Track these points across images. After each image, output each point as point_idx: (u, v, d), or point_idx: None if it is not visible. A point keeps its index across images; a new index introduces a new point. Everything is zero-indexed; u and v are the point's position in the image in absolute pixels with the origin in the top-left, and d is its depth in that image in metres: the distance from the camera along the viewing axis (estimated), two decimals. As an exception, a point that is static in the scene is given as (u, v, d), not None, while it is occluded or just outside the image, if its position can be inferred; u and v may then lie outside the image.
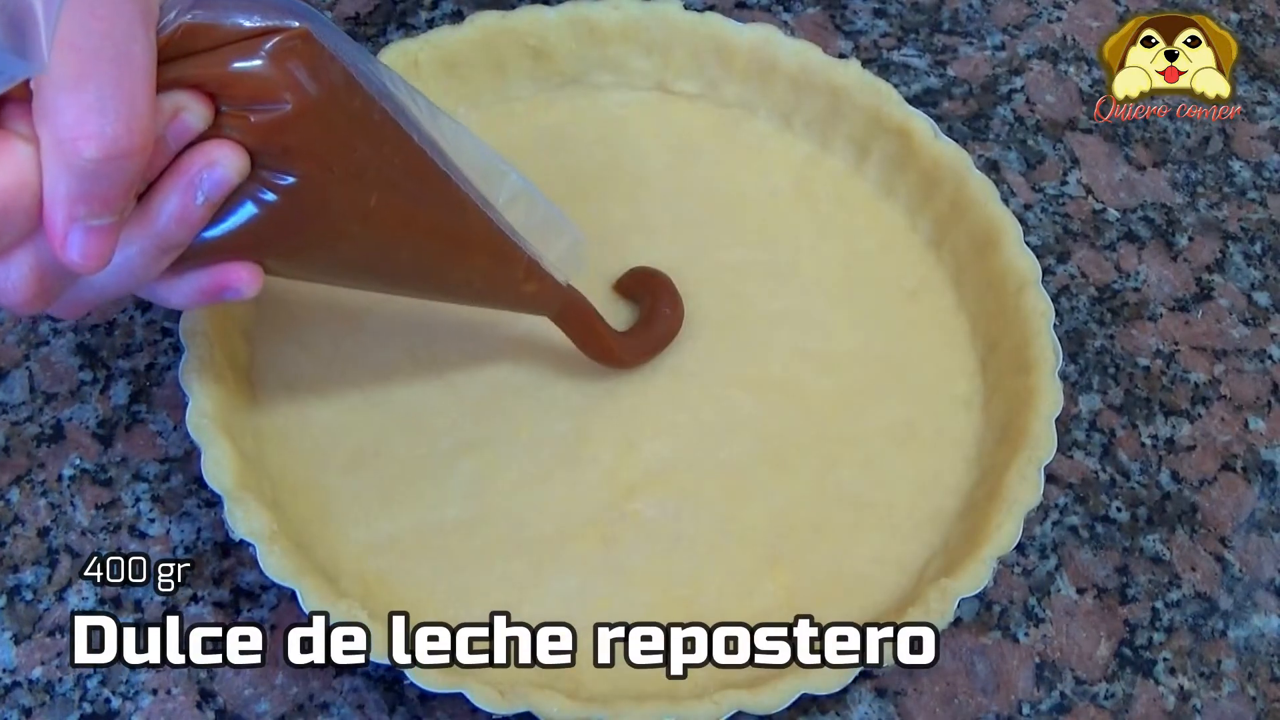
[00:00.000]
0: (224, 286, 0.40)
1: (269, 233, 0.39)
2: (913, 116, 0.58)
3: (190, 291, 0.40)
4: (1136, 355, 0.59)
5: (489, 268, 0.47)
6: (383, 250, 0.43)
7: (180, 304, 0.41)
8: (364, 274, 0.45)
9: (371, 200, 0.41)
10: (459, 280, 0.47)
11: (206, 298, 0.40)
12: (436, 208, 0.44)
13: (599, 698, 0.45)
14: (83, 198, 0.34)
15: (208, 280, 0.40)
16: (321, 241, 0.41)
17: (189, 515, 0.50)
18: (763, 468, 0.52)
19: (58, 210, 0.34)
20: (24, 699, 0.46)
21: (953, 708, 0.48)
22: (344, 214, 0.40)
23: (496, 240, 0.47)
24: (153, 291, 0.40)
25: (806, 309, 0.57)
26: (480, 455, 0.51)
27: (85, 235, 0.35)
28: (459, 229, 0.45)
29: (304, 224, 0.40)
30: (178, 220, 0.37)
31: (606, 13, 0.60)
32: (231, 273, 0.40)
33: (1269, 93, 0.69)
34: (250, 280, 0.40)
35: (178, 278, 0.40)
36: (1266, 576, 0.53)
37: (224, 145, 0.37)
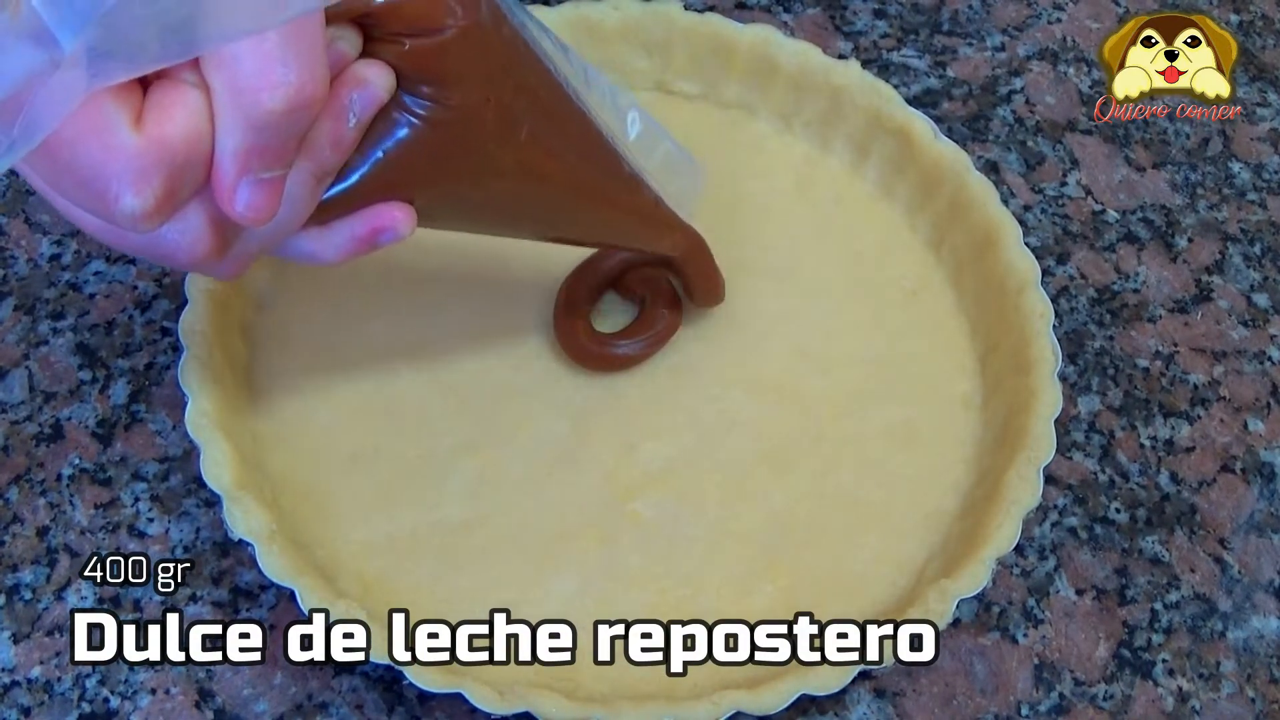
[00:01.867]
0: (379, 229, 0.39)
1: (425, 166, 0.38)
2: (912, 117, 0.58)
3: (344, 241, 0.39)
4: (1136, 356, 0.59)
5: (624, 206, 0.47)
6: (532, 187, 0.43)
7: (336, 257, 0.39)
8: (512, 214, 0.44)
9: (523, 132, 0.41)
10: (595, 219, 0.47)
11: (363, 244, 0.39)
12: (580, 144, 0.44)
13: (598, 698, 0.45)
14: (257, 150, 0.33)
15: (361, 226, 0.39)
16: (475, 176, 0.40)
17: (188, 515, 0.50)
18: (761, 468, 0.52)
19: (230, 163, 0.33)
20: (23, 698, 0.46)
21: (952, 708, 0.48)
22: (497, 145, 0.40)
23: (629, 179, 0.47)
24: (305, 250, 0.39)
25: (806, 309, 0.57)
26: (479, 455, 0.51)
27: (254, 188, 0.34)
28: (599, 166, 0.45)
29: (458, 156, 0.39)
30: (332, 144, 0.36)
31: (606, 13, 0.60)
32: (385, 213, 0.39)
33: (1269, 94, 0.69)
34: (405, 219, 0.39)
35: (329, 230, 0.39)
36: (1265, 578, 0.53)
37: (371, 65, 0.36)
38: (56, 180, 0.33)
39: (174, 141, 0.32)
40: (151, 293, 0.55)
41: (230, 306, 0.51)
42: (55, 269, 0.56)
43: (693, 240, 0.52)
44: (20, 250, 0.56)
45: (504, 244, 0.54)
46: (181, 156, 0.32)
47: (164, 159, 0.32)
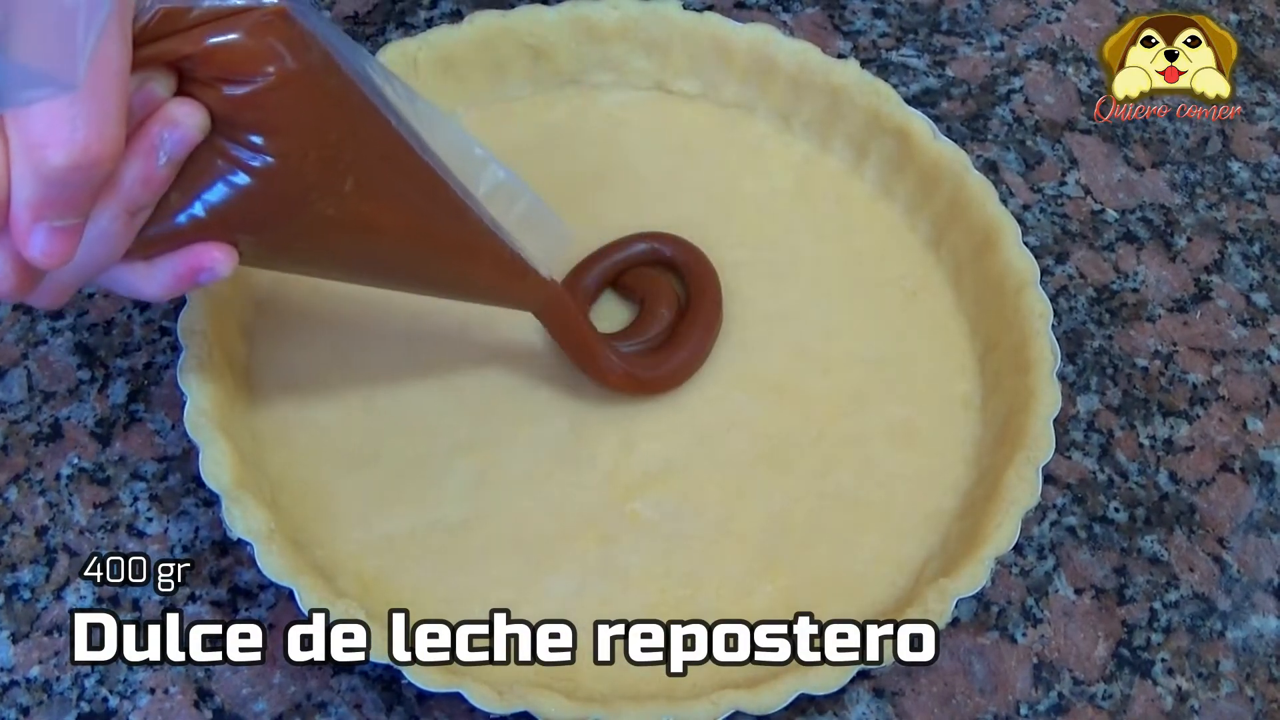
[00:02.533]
0: (198, 268, 0.39)
1: (244, 214, 0.39)
2: (911, 117, 0.58)
3: (165, 278, 0.40)
4: (1135, 356, 0.59)
5: (469, 259, 0.46)
6: (360, 238, 0.42)
7: (157, 293, 0.40)
8: (341, 263, 0.44)
9: (347, 184, 0.40)
10: (438, 271, 0.46)
11: (182, 282, 0.40)
12: (414, 195, 0.43)
13: (597, 697, 0.45)
14: (47, 203, 0.34)
15: (181, 264, 0.39)
16: (297, 226, 0.40)
17: (187, 514, 0.50)
18: (761, 468, 0.52)
19: (23, 212, 0.34)
20: (22, 698, 0.46)
21: (951, 708, 0.48)
22: (319, 196, 0.40)
23: (476, 230, 0.46)
24: (129, 284, 0.40)
25: (805, 309, 0.57)
26: (478, 455, 0.51)
27: (49, 235, 0.35)
28: (437, 218, 0.44)
29: (279, 206, 0.39)
30: (142, 182, 0.37)
31: (605, 12, 0.60)
32: (204, 253, 0.39)
33: (1268, 93, 0.69)
34: (223, 259, 0.39)
35: (152, 266, 0.40)
36: (1265, 577, 0.53)
37: (183, 104, 0.37)
38: None
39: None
40: (150, 292, 0.55)
41: (229, 306, 0.51)
42: (54, 268, 0.56)
43: (554, 296, 0.50)
44: (19, 250, 0.56)
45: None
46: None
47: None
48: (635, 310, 0.56)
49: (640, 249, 0.56)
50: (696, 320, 0.54)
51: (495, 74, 0.60)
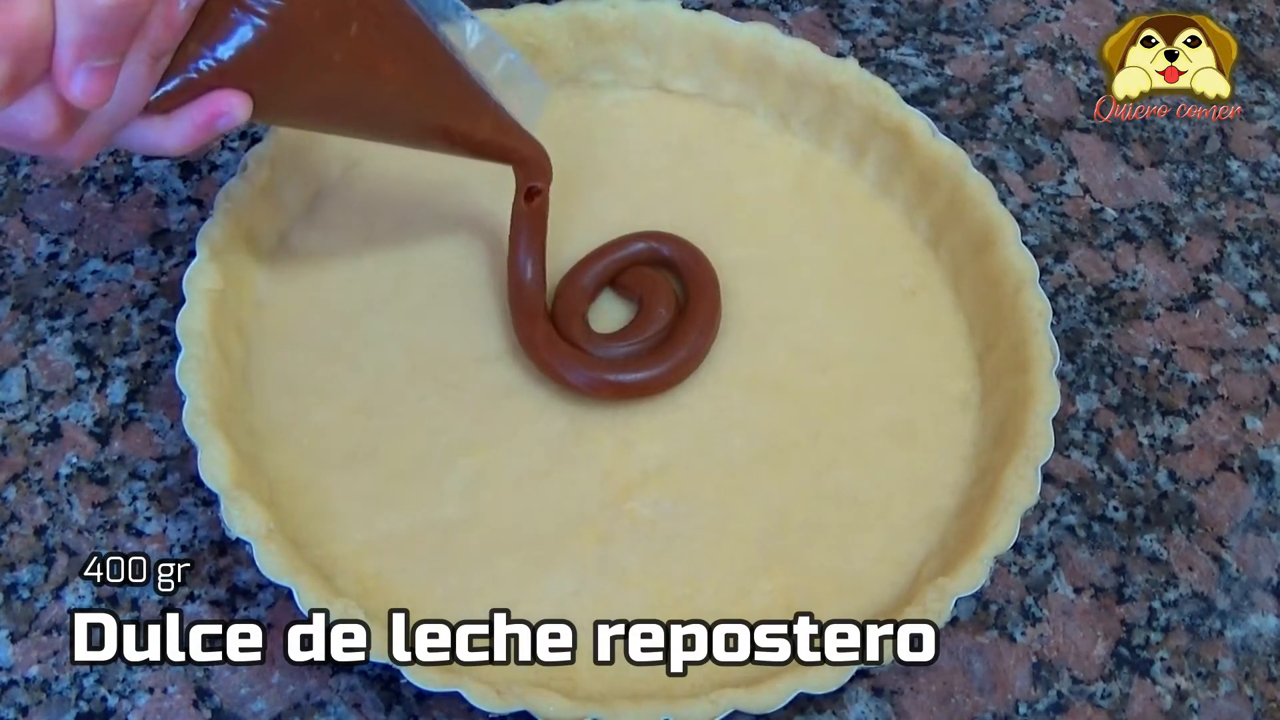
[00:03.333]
0: (216, 113, 0.42)
1: (257, 60, 0.41)
2: (910, 116, 0.58)
3: (185, 128, 0.42)
4: (1134, 355, 0.58)
5: (461, 105, 0.49)
6: (363, 84, 0.45)
7: (176, 143, 0.42)
8: (346, 111, 0.46)
9: (352, 28, 0.43)
10: (433, 119, 0.49)
11: (200, 131, 0.42)
12: (411, 44, 0.46)
13: (596, 697, 0.45)
14: (90, 42, 0.37)
15: (200, 112, 0.42)
16: (306, 70, 0.43)
17: (185, 514, 0.50)
18: (760, 467, 0.52)
19: (67, 52, 0.37)
20: (20, 697, 0.46)
21: (950, 707, 0.48)
22: (327, 40, 0.43)
23: (465, 82, 0.49)
24: (150, 139, 0.42)
25: (804, 308, 0.56)
26: (477, 455, 0.51)
27: (89, 75, 0.37)
28: (432, 67, 0.47)
29: (289, 50, 0.42)
30: (164, 25, 0.39)
31: (604, 11, 0.60)
32: (221, 99, 0.42)
33: (1267, 92, 0.69)
34: (239, 104, 0.42)
35: (170, 119, 0.42)
36: (1264, 576, 0.53)
37: None
38: None
39: (19, 28, 0.36)
40: (149, 292, 0.55)
41: (228, 306, 0.51)
42: (53, 268, 0.56)
43: (535, 150, 0.52)
44: (18, 249, 0.56)
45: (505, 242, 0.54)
46: (26, 43, 0.36)
47: (9, 44, 0.36)
48: (634, 309, 0.56)
49: (639, 248, 0.56)
50: (694, 320, 0.54)
51: (494, 73, 0.60)
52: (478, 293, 0.55)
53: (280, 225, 0.56)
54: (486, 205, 0.57)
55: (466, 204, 0.58)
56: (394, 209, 0.58)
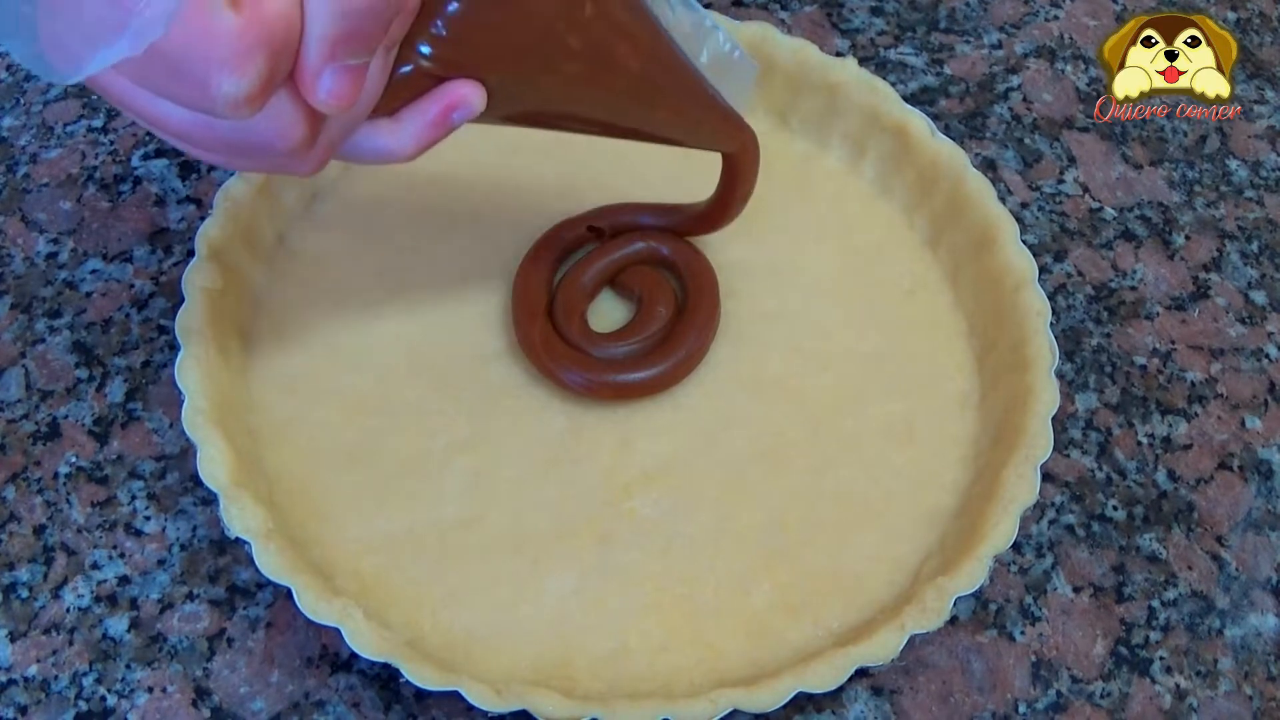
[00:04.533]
0: (451, 105, 0.38)
1: (490, 44, 0.38)
2: (910, 115, 0.58)
3: (417, 128, 0.38)
4: (1133, 354, 0.58)
5: (688, 95, 0.47)
6: (600, 70, 0.42)
7: (409, 146, 0.38)
8: (579, 103, 0.43)
9: (587, 9, 0.40)
10: (666, 107, 0.47)
11: (436, 128, 0.38)
12: (638, 26, 0.43)
13: (594, 696, 0.45)
14: (344, 37, 0.32)
15: (434, 107, 0.38)
16: (542, 57, 0.40)
17: (184, 513, 0.50)
18: (759, 466, 0.52)
19: (316, 49, 0.32)
20: (20, 697, 0.46)
21: (949, 706, 0.48)
22: (564, 23, 0.39)
23: (686, 67, 0.46)
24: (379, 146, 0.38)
25: (803, 307, 0.56)
26: (476, 453, 0.51)
27: (337, 75, 0.33)
28: (659, 54, 0.45)
29: (525, 34, 0.38)
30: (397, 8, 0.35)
31: (603, 11, 0.60)
32: (455, 90, 0.37)
33: (1266, 91, 0.69)
34: (475, 93, 0.38)
35: (399, 121, 0.38)
36: (1263, 575, 0.53)
37: None
38: (147, 72, 0.31)
39: (272, 22, 0.31)
40: (148, 291, 0.55)
41: (227, 305, 0.51)
42: (52, 267, 0.56)
43: (751, 139, 0.51)
44: (17, 249, 0.56)
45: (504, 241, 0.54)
46: (280, 37, 0.31)
47: (262, 40, 0.31)
48: (633, 309, 0.56)
49: (639, 247, 0.56)
50: (694, 320, 0.54)
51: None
52: (477, 292, 0.55)
53: (279, 224, 0.56)
54: (486, 204, 0.57)
55: (466, 203, 0.58)
56: (393, 208, 0.58)
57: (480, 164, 0.58)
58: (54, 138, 0.60)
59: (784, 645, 0.47)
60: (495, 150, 0.53)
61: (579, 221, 0.57)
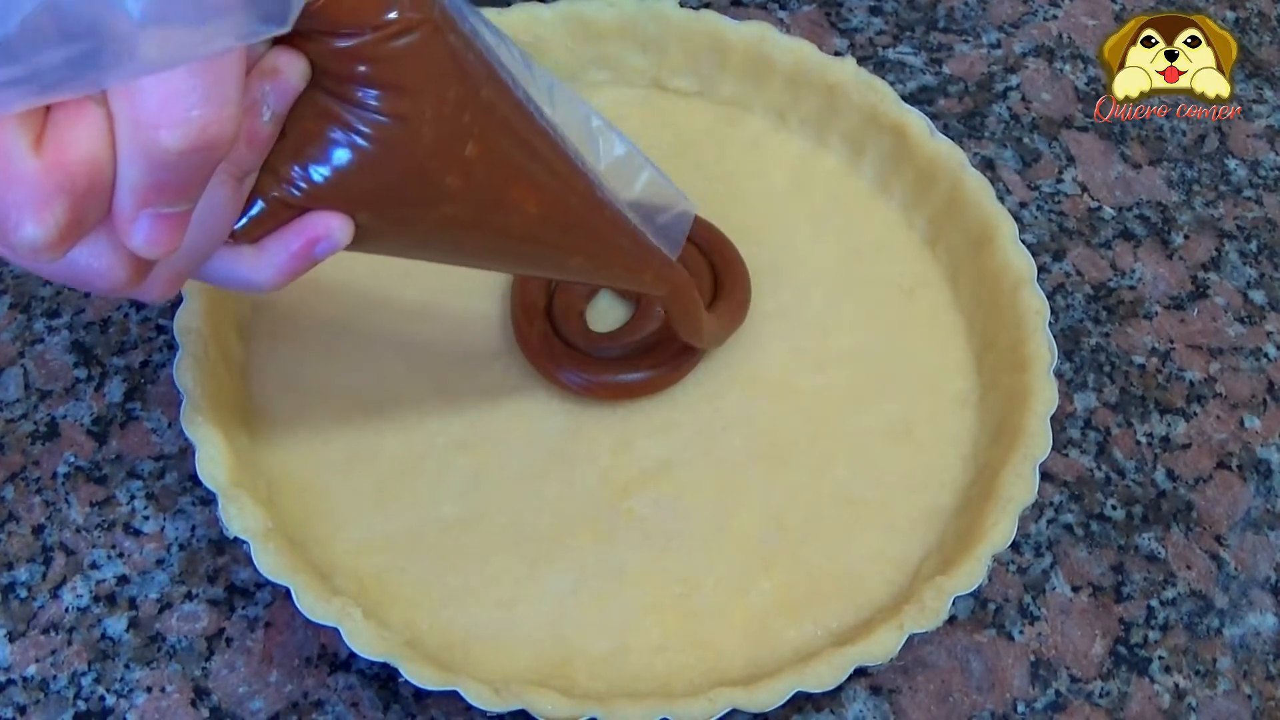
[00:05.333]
0: (314, 239, 0.36)
1: (360, 185, 0.35)
2: (908, 114, 0.58)
3: (278, 260, 0.36)
4: (1132, 353, 0.58)
5: (597, 237, 0.43)
6: (483, 211, 0.39)
7: (271, 278, 0.37)
8: (466, 243, 0.40)
9: (468, 149, 0.37)
10: (568, 250, 0.43)
11: (299, 260, 0.36)
12: (540, 166, 0.40)
13: (594, 695, 0.45)
14: (156, 188, 0.31)
15: (294, 238, 0.36)
16: (417, 198, 0.37)
17: (183, 513, 0.50)
18: (758, 466, 0.52)
19: (128, 198, 0.31)
20: (18, 697, 0.46)
21: (948, 706, 0.48)
22: (439, 163, 0.36)
23: (602, 206, 0.43)
24: (239, 275, 0.37)
25: (802, 307, 0.56)
26: (475, 453, 0.51)
27: (154, 222, 0.32)
28: (564, 191, 0.41)
29: (396, 174, 0.36)
30: (247, 143, 0.33)
31: (601, 10, 0.60)
32: (318, 222, 0.36)
33: (1265, 91, 0.69)
34: (340, 226, 0.36)
35: (261, 250, 0.36)
36: (1262, 575, 0.53)
37: (282, 53, 0.33)
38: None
39: (75, 167, 0.30)
40: (147, 291, 0.55)
41: (226, 304, 0.51)
42: (50, 267, 0.56)
43: (679, 280, 0.48)
44: (15, 248, 0.56)
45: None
46: (84, 183, 0.30)
47: (65, 185, 0.30)
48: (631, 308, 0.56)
49: None
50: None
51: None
52: (476, 292, 0.55)
53: (278, 224, 0.56)
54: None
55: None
56: (392, 208, 0.58)
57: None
58: (53, 137, 0.60)
59: (783, 644, 0.47)
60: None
61: None
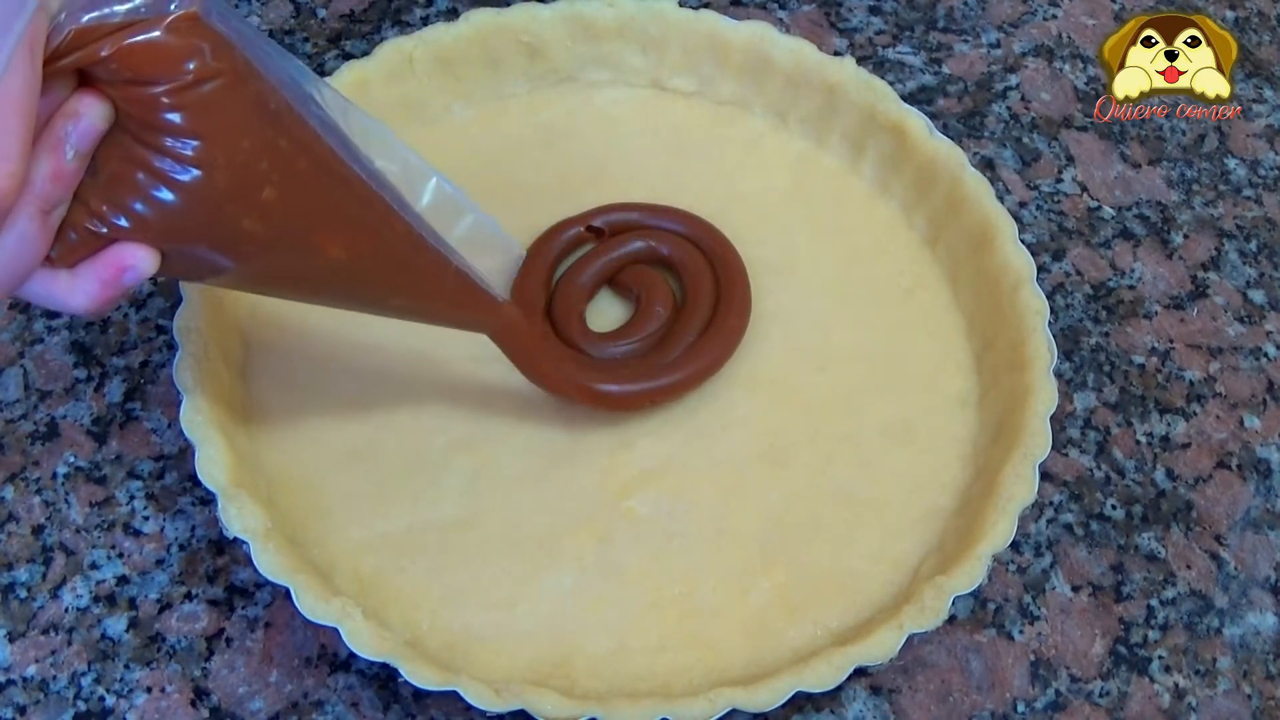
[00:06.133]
0: (120, 268, 0.39)
1: (164, 223, 0.38)
2: (908, 114, 0.58)
3: (90, 286, 0.39)
4: (1132, 353, 0.58)
5: (413, 276, 0.45)
6: (288, 253, 0.41)
7: (83, 303, 0.39)
8: (274, 281, 0.43)
9: (265, 193, 0.39)
10: (381, 290, 0.45)
11: (107, 288, 0.39)
12: (345, 207, 0.42)
13: (593, 695, 0.45)
14: None
15: (103, 266, 0.39)
16: (218, 238, 0.39)
17: (183, 513, 0.50)
18: (758, 465, 0.52)
19: None
20: (18, 697, 0.46)
21: (947, 705, 0.48)
22: (236, 206, 0.39)
23: (419, 246, 0.44)
24: (54, 297, 0.39)
25: (802, 307, 0.56)
26: (475, 453, 0.51)
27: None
28: (375, 232, 0.43)
29: (196, 216, 0.38)
30: (52, 180, 0.37)
31: (601, 10, 0.60)
32: (124, 252, 0.39)
33: (1265, 90, 0.69)
34: (145, 256, 0.39)
35: (75, 276, 0.39)
36: (1262, 574, 0.53)
37: (85, 95, 0.37)
38: None
39: None
40: (147, 290, 0.55)
41: (225, 305, 0.51)
42: (50, 267, 0.56)
43: (507, 319, 0.49)
44: (15, 249, 0.56)
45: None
46: None
47: None
48: (631, 308, 0.56)
49: (637, 246, 0.56)
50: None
51: (491, 71, 0.60)
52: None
53: (278, 224, 0.56)
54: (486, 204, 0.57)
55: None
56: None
57: (480, 164, 0.58)
58: (52, 138, 0.60)
59: (782, 644, 0.47)
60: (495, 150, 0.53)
61: (578, 221, 0.57)
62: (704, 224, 0.57)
